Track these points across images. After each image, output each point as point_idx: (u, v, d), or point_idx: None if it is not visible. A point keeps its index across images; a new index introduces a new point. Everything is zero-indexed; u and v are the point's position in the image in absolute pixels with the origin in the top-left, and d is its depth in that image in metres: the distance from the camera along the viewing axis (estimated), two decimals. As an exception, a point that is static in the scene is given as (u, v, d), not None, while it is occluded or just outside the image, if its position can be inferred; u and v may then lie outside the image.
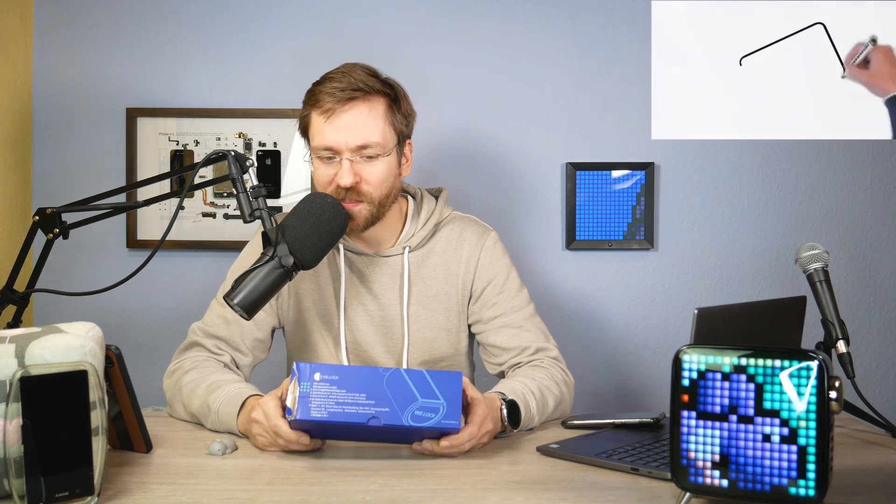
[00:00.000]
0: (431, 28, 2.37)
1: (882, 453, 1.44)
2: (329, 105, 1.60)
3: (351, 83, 1.61)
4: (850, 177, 2.40)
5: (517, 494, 1.20)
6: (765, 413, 1.05)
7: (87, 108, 2.37)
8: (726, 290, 2.39)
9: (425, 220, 1.76)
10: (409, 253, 1.74)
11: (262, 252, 1.50)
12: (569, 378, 1.71)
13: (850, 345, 1.54)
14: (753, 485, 1.05)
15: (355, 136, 1.61)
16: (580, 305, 2.40)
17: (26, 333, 1.18)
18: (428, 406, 1.32)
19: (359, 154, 1.62)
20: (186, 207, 2.35)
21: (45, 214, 1.65)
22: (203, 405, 1.53)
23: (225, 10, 2.37)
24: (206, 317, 1.71)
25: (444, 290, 1.75)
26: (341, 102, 1.61)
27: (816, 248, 1.58)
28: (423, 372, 1.33)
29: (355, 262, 1.75)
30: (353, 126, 1.61)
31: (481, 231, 1.79)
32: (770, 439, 1.04)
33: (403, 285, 1.73)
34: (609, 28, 2.37)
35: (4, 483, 1.12)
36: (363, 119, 1.61)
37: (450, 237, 1.77)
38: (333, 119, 1.61)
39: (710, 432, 1.08)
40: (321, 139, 1.62)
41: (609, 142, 2.38)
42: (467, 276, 1.76)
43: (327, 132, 1.61)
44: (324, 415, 1.30)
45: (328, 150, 1.62)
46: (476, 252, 1.76)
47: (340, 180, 1.61)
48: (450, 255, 1.76)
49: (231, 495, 1.20)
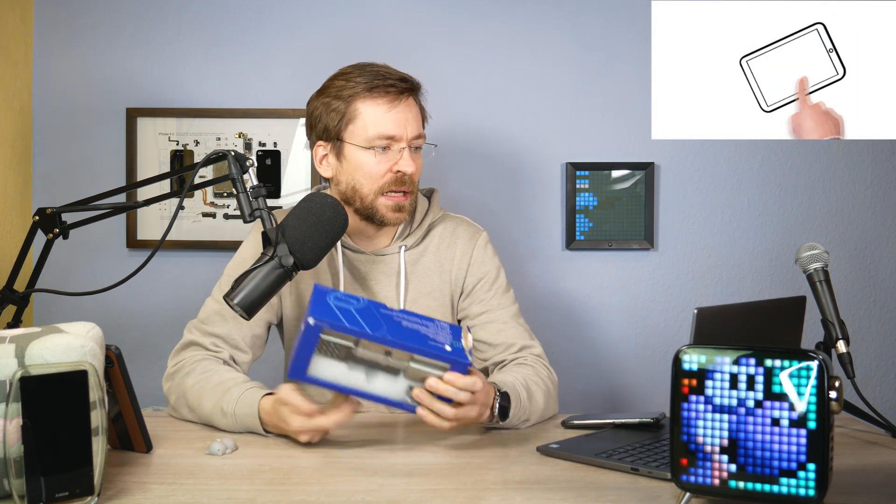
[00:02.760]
0: (431, 28, 2.37)
1: (882, 453, 1.44)
2: (392, 95, 1.66)
3: (403, 77, 1.69)
4: (850, 177, 2.40)
5: (517, 494, 1.20)
6: (764, 413, 1.05)
7: (87, 108, 2.37)
8: (726, 290, 2.39)
9: (420, 220, 1.79)
10: (405, 252, 1.75)
11: (262, 252, 1.50)
12: (553, 375, 1.71)
13: (850, 345, 1.54)
14: (753, 484, 1.05)
15: (413, 126, 1.68)
16: (580, 305, 2.40)
17: (26, 333, 1.18)
18: (440, 340, 1.36)
19: (413, 144, 1.68)
20: (186, 207, 2.35)
21: (45, 214, 1.65)
22: (215, 408, 1.53)
23: (225, 10, 2.37)
24: (202, 314, 1.71)
25: (438, 287, 1.77)
26: (404, 93, 1.68)
27: (816, 248, 1.58)
28: (435, 320, 1.40)
29: (353, 261, 1.75)
30: (410, 116, 1.68)
31: (473, 230, 1.83)
32: (769, 439, 1.04)
33: (400, 283, 1.74)
34: (609, 28, 2.37)
35: (4, 483, 1.12)
36: (416, 111, 1.70)
37: (443, 235, 1.80)
38: (395, 109, 1.66)
39: (717, 421, 1.08)
40: (382, 128, 1.65)
41: (609, 142, 2.38)
42: (459, 273, 1.78)
43: (389, 121, 1.65)
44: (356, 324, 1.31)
45: (388, 139, 1.66)
46: (468, 250, 1.79)
47: (406, 168, 1.66)
48: (443, 253, 1.78)
49: (231, 495, 1.20)
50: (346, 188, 1.70)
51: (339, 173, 1.71)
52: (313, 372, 1.33)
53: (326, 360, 1.33)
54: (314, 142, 1.74)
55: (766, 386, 1.05)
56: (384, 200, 1.68)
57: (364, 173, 1.67)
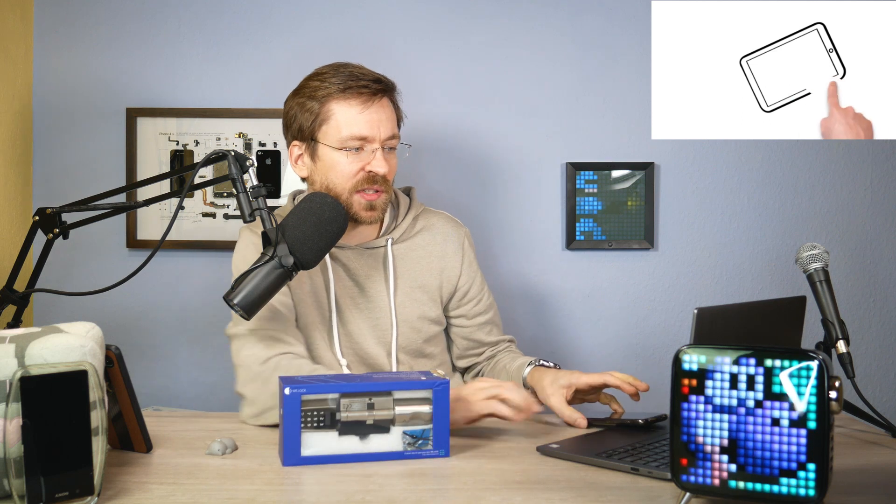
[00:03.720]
0: (431, 28, 2.37)
1: (882, 453, 1.44)
2: (366, 96, 1.66)
3: (378, 78, 1.70)
4: (850, 177, 2.40)
5: (517, 494, 1.20)
6: (764, 413, 1.05)
7: (87, 108, 2.37)
8: (726, 290, 2.39)
9: (404, 213, 1.82)
10: (392, 245, 1.77)
11: (262, 252, 1.50)
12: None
13: (850, 345, 1.54)
14: (753, 484, 1.05)
15: (387, 127, 1.69)
16: (580, 305, 2.40)
17: (26, 333, 1.18)
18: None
19: (386, 144, 1.69)
20: (186, 207, 2.35)
21: (45, 214, 1.65)
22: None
23: (225, 10, 2.37)
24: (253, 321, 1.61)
25: (429, 281, 1.80)
26: (377, 95, 1.68)
27: (816, 248, 1.58)
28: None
29: (339, 256, 1.76)
30: (384, 117, 1.69)
31: (457, 226, 1.88)
32: (769, 439, 1.04)
33: (389, 276, 1.76)
34: (609, 28, 2.37)
35: (4, 483, 1.12)
36: (390, 112, 1.71)
37: (430, 230, 1.84)
38: (368, 110, 1.66)
39: (717, 421, 1.08)
40: (355, 129, 1.66)
41: (609, 142, 2.38)
42: (452, 272, 1.82)
43: (362, 122, 1.66)
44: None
45: (361, 140, 1.67)
46: (459, 248, 1.84)
47: (378, 168, 1.67)
48: (433, 248, 1.82)
49: (231, 495, 1.20)
50: (320, 188, 1.71)
51: (314, 173, 1.72)
52: (307, 451, 1.34)
53: (316, 434, 1.34)
54: (289, 141, 1.75)
55: (766, 386, 1.05)
56: (358, 198, 1.69)
57: (337, 173, 1.68)
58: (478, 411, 1.48)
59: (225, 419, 1.66)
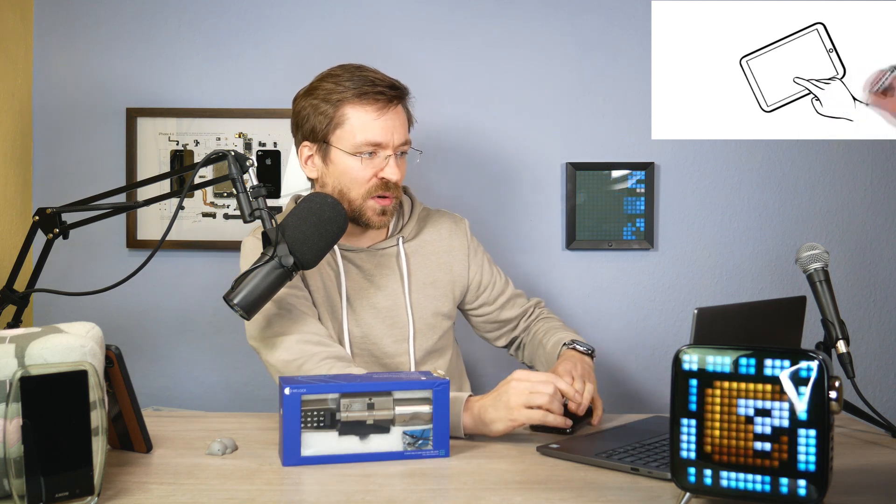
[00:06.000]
0: (431, 28, 2.37)
1: (882, 453, 1.44)
2: (382, 102, 1.66)
3: (393, 84, 1.69)
4: (850, 177, 2.40)
5: (517, 494, 1.20)
6: (764, 413, 1.05)
7: (87, 108, 2.37)
8: (726, 290, 2.39)
9: (409, 213, 1.83)
10: (403, 243, 1.79)
11: (262, 252, 1.50)
12: (549, 311, 1.98)
13: (850, 345, 1.54)
14: (753, 484, 1.05)
15: (400, 134, 1.69)
16: (580, 305, 2.40)
17: (26, 333, 1.18)
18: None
19: (399, 150, 1.69)
20: (186, 207, 2.35)
21: (45, 214, 1.65)
22: None
23: (225, 10, 2.37)
24: (295, 329, 1.63)
25: (439, 277, 1.82)
26: (393, 101, 1.68)
27: (816, 248, 1.58)
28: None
29: (352, 258, 1.76)
30: (398, 123, 1.69)
31: (457, 220, 1.90)
32: (770, 438, 1.04)
33: (403, 274, 1.77)
34: (609, 28, 2.37)
35: (4, 483, 1.12)
36: (403, 118, 1.71)
37: (434, 227, 1.86)
38: (383, 117, 1.66)
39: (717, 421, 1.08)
40: (370, 135, 1.65)
41: (609, 142, 2.38)
42: (461, 268, 1.85)
43: (377, 129, 1.66)
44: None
45: (375, 146, 1.66)
46: (464, 243, 1.87)
47: (392, 175, 1.67)
48: (440, 245, 1.84)
49: (231, 495, 1.20)
50: (332, 191, 1.70)
51: (325, 175, 1.71)
52: (307, 451, 1.34)
53: (315, 434, 1.34)
54: (300, 141, 1.74)
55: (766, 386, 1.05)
56: (371, 203, 1.69)
57: (350, 178, 1.68)
58: (520, 421, 1.46)
59: (225, 419, 1.66)
